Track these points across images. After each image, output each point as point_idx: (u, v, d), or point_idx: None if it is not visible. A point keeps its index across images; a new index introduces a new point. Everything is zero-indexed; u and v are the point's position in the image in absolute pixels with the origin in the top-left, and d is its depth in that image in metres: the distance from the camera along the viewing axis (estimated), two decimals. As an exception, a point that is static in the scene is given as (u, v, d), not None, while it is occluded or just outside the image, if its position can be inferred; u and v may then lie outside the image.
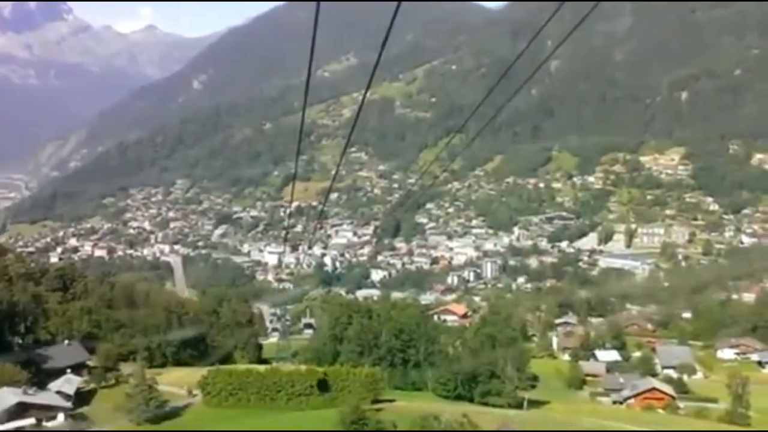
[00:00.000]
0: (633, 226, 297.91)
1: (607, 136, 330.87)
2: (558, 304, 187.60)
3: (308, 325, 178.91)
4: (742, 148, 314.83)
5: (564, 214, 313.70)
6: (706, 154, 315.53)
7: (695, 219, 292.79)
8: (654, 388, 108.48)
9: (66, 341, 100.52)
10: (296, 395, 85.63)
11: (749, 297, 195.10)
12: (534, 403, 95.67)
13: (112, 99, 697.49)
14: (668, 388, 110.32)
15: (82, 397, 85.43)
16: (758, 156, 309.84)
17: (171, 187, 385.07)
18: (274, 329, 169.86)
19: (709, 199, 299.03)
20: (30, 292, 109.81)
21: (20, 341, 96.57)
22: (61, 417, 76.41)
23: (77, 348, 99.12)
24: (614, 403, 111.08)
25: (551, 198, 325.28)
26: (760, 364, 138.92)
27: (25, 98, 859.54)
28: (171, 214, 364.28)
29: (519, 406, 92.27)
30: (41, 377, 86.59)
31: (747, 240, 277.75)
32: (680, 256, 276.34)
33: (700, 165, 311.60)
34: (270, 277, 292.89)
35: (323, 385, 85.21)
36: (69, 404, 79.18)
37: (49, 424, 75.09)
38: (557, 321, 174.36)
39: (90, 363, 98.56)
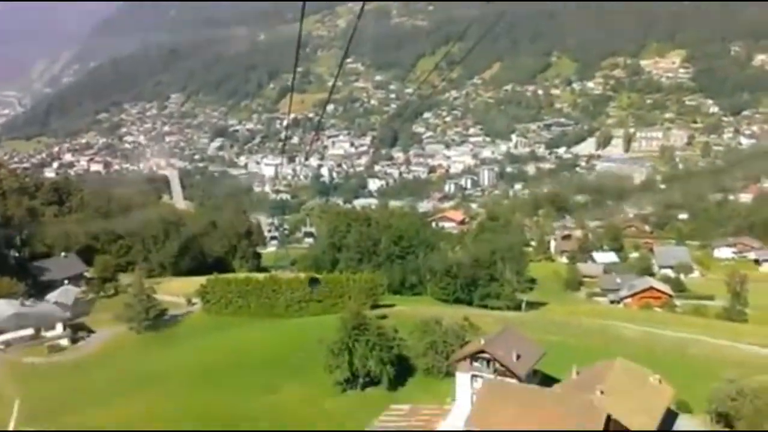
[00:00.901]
0: (632, 130, 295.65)
1: (607, 40, 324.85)
2: (556, 208, 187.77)
3: (309, 234, 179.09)
4: (743, 50, 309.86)
5: (562, 120, 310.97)
6: (707, 56, 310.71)
7: (694, 122, 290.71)
8: (651, 288, 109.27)
9: (63, 253, 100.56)
10: (296, 302, 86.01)
11: (746, 197, 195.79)
12: (532, 305, 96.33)
13: (102, 13, 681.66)
14: (665, 287, 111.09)
15: (81, 307, 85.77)
16: (760, 57, 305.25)
17: (165, 101, 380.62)
18: (273, 238, 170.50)
19: (710, 102, 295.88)
20: (25, 206, 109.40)
21: (16, 254, 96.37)
22: (59, 327, 76.72)
23: (74, 260, 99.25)
24: (612, 302, 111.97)
25: (550, 105, 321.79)
26: (756, 262, 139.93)
27: (13, 14, 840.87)
28: (166, 128, 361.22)
29: (517, 308, 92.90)
30: (39, 289, 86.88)
31: (746, 141, 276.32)
32: (678, 159, 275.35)
33: (701, 67, 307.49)
34: (267, 189, 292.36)
35: (313, 282, 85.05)
36: (67, 314, 79.43)
37: (48, 334, 75.46)
38: (555, 225, 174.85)
39: (87, 274, 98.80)
